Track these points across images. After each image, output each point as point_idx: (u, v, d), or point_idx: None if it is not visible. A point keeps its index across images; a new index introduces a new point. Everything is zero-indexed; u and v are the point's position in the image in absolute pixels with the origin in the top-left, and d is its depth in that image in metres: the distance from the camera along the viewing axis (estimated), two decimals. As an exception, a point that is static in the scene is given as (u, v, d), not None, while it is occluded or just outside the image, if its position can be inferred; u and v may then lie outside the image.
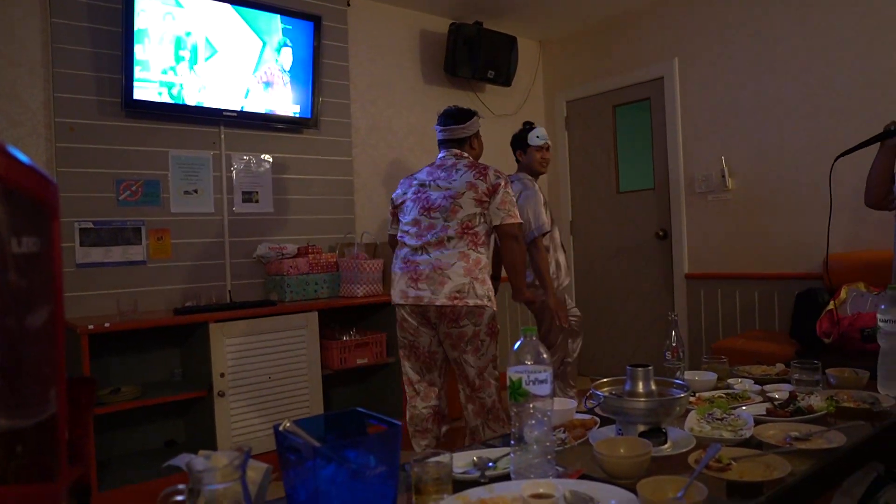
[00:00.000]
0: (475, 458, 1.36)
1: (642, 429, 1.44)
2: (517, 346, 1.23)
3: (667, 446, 1.44)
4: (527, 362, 1.20)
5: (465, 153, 2.85)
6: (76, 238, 3.17)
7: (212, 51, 3.45)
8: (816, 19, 3.77)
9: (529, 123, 3.61)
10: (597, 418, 1.62)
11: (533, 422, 1.21)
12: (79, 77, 3.20)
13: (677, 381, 1.59)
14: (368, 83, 4.36)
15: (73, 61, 3.18)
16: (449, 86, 4.79)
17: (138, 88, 3.22)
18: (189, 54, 3.37)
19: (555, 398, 1.39)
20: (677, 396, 1.48)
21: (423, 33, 4.65)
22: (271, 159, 3.85)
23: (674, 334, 1.99)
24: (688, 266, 4.49)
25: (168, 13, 3.28)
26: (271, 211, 3.84)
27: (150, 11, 3.22)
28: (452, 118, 2.88)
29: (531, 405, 1.20)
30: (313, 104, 3.86)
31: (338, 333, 3.65)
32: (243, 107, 3.60)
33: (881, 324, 1.86)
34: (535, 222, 3.26)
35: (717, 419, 1.60)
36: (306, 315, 3.42)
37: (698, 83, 4.38)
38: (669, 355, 1.98)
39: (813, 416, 1.63)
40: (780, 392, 1.86)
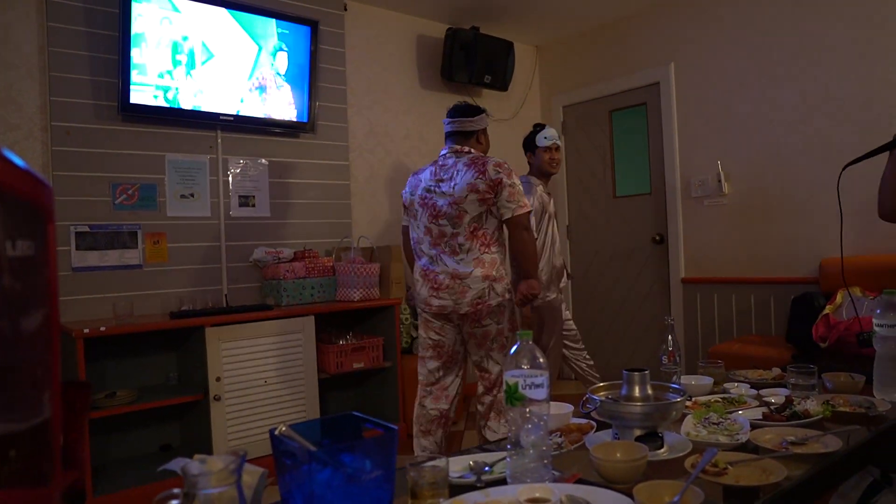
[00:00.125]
0: (471, 463, 1.36)
1: (639, 433, 1.44)
2: (514, 351, 1.23)
3: (663, 451, 1.44)
4: (523, 366, 1.20)
5: (466, 148, 2.86)
6: (72, 242, 3.17)
7: (208, 55, 3.45)
8: (811, 25, 3.79)
9: (540, 125, 3.65)
10: (593, 422, 1.62)
11: (529, 426, 1.20)
12: (75, 81, 3.20)
13: (674, 386, 1.59)
14: (365, 88, 4.37)
15: (69, 65, 3.18)
16: (446, 90, 4.79)
17: (135, 92, 3.22)
18: (186, 59, 3.37)
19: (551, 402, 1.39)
20: (673, 401, 1.48)
21: (419, 38, 4.66)
22: (268, 163, 3.85)
23: (670, 338, 1.99)
24: (684, 270, 4.50)
25: (165, 18, 3.28)
26: (268, 215, 3.84)
27: (148, 16, 3.22)
28: (462, 111, 2.92)
29: (528, 409, 1.20)
30: (310, 108, 3.87)
31: (334, 337, 3.65)
32: (240, 111, 3.60)
33: (877, 328, 1.86)
34: None
35: (714, 423, 1.60)
36: (303, 319, 3.41)
37: (694, 88, 4.39)
38: (666, 359, 1.98)
39: (809, 420, 1.63)
40: (776, 396, 1.86)
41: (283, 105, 3.77)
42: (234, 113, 3.58)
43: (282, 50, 3.72)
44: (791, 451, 1.41)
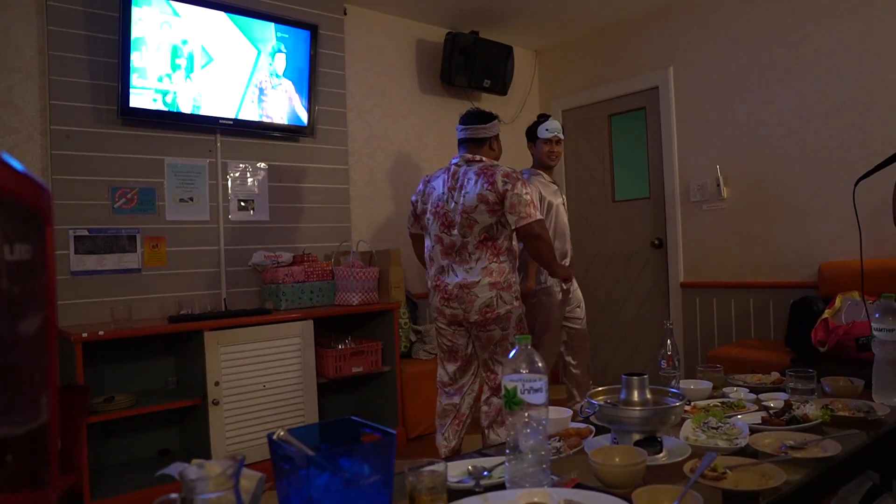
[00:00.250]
0: (470, 467, 1.36)
1: (637, 437, 1.44)
2: (512, 355, 1.22)
3: (662, 455, 1.44)
4: (522, 371, 1.20)
5: (478, 156, 2.92)
6: (71, 246, 3.16)
7: (208, 59, 3.45)
8: (810, 29, 3.79)
9: (544, 116, 3.66)
10: (592, 427, 1.62)
11: (528, 430, 1.20)
12: (75, 84, 3.20)
13: (672, 390, 1.59)
14: (365, 92, 4.37)
15: (69, 69, 3.19)
16: (445, 95, 4.80)
17: (134, 96, 3.22)
18: (185, 62, 3.37)
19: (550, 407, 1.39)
20: (672, 405, 1.47)
21: (419, 42, 4.67)
22: (267, 167, 3.85)
23: (669, 343, 1.99)
24: (683, 275, 4.50)
25: (165, 22, 3.29)
26: (267, 219, 3.84)
27: (148, 20, 3.23)
28: (475, 118, 2.99)
29: (526, 414, 1.20)
30: (309, 112, 3.87)
31: (333, 342, 3.64)
32: (239, 115, 3.61)
33: (876, 332, 1.86)
34: None
35: (713, 428, 1.60)
36: (301, 323, 3.41)
37: (693, 92, 4.40)
38: (665, 364, 1.98)
39: (808, 424, 1.63)
40: (775, 401, 1.86)
41: (282, 109, 3.77)
42: (234, 117, 3.58)
43: (281, 54, 3.72)
44: (790, 455, 1.41)
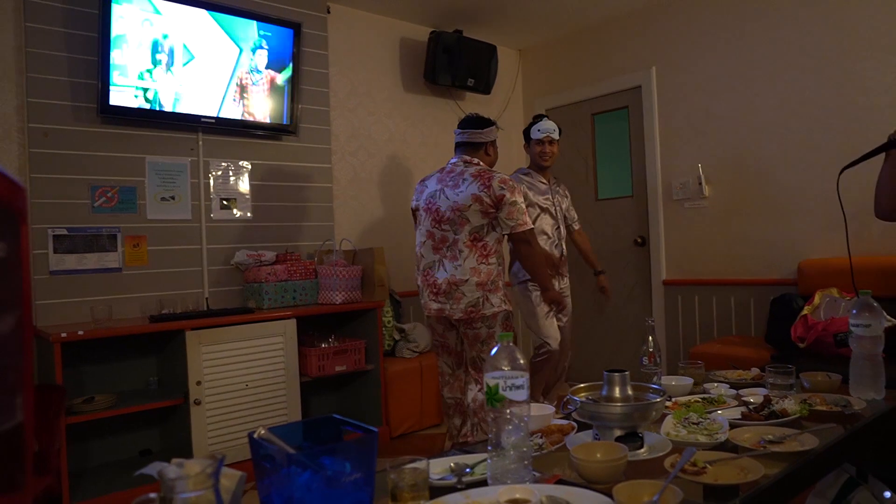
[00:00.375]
0: (452, 464, 1.36)
1: (619, 433, 1.45)
2: (494, 352, 1.23)
3: (643, 451, 1.45)
4: (503, 368, 1.20)
5: (475, 159, 3.00)
6: (50, 245, 3.12)
7: (189, 57, 3.42)
8: (789, 30, 3.84)
9: (539, 117, 3.71)
10: (574, 423, 1.63)
11: (510, 427, 1.21)
12: (53, 82, 3.16)
13: (653, 386, 1.61)
14: (348, 90, 4.36)
15: (47, 66, 3.14)
16: (429, 93, 4.80)
17: (115, 93, 3.19)
18: (166, 60, 3.34)
19: (532, 403, 1.40)
20: (653, 401, 1.49)
21: (403, 41, 4.66)
22: (250, 166, 3.83)
23: (650, 339, 2.01)
24: (665, 272, 4.53)
25: (146, 19, 3.26)
26: (249, 218, 3.82)
27: (129, 17, 3.19)
28: (472, 123, 3.08)
29: (508, 410, 1.20)
30: (292, 111, 3.85)
31: (316, 341, 3.63)
32: (221, 113, 3.58)
33: (853, 328, 1.89)
34: None
35: (694, 423, 1.61)
36: (284, 322, 3.40)
37: (675, 92, 4.43)
38: (646, 360, 2.00)
39: (787, 419, 1.65)
40: (755, 396, 1.88)
41: (264, 107, 3.75)
42: (215, 115, 3.56)
43: (263, 51, 3.70)
44: (769, 449, 1.43)
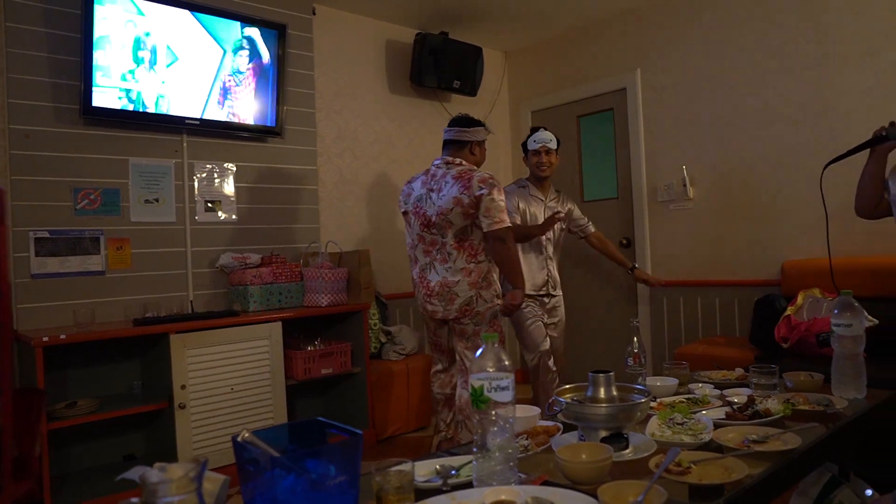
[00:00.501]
0: (438, 466, 1.36)
1: (604, 434, 1.45)
2: (479, 353, 1.23)
3: (628, 451, 1.46)
4: (489, 369, 1.20)
5: (457, 159, 3.04)
6: (31, 248, 3.09)
7: (173, 58, 3.40)
8: (771, 35, 3.87)
9: (535, 128, 3.69)
10: (560, 424, 1.63)
11: (495, 429, 1.21)
12: (35, 83, 3.13)
13: (638, 387, 1.62)
14: (334, 92, 4.35)
15: (29, 67, 3.11)
16: (415, 95, 4.80)
17: (97, 94, 3.16)
18: (149, 61, 3.32)
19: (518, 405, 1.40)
20: (638, 402, 1.49)
21: (388, 43, 4.66)
22: (235, 168, 3.81)
23: (635, 340, 2.02)
24: (651, 273, 4.54)
25: (130, 21, 3.23)
26: (235, 220, 3.79)
27: (112, 18, 3.17)
28: (459, 122, 3.14)
29: (493, 412, 1.20)
30: (277, 113, 3.83)
31: (302, 343, 3.61)
32: (206, 115, 3.56)
33: (834, 328, 1.91)
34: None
35: (678, 424, 1.62)
36: (270, 325, 3.38)
37: (660, 94, 4.46)
38: (631, 361, 2.01)
39: (770, 419, 1.67)
40: (739, 396, 1.89)
41: (249, 109, 3.73)
42: (200, 116, 3.53)
43: (248, 53, 3.68)
44: (752, 449, 1.44)
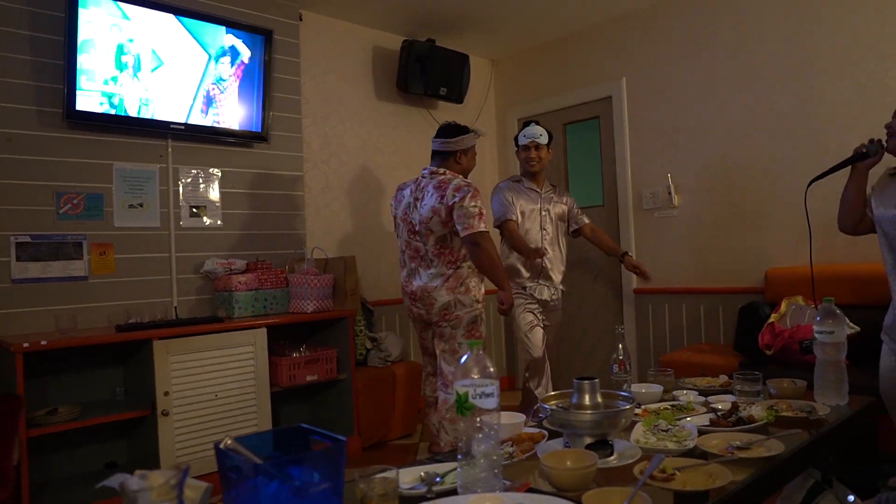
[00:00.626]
0: (423, 474, 1.35)
1: (589, 441, 1.45)
2: (464, 360, 1.23)
3: (613, 458, 1.46)
4: (473, 376, 1.20)
5: (441, 169, 3.10)
6: (12, 252, 3.05)
7: (158, 62, 3.38)
8: (755, 45, 3.92)
9: (526, 123, 3.70)
10: (545, 431, 1.63)
11: (480, 436, 1.20)
12: (18, 86, 3.10)
13: (623, 394, 1.62)
14: (320, 98, 4.34)
15: (11, 70, 3.08)
16: (401, 102, 4.80)
17: (81, 98, 3.13)
18: (134, 65, 3.29)
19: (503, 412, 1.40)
20: (622, 408, 1.50)
21: (375, 49, 4.66)
22: (220, 173, 3.79)
23: (621, 347, 2.02)
24: (636, 281, 4.57)
25: (115, 25, 3.21)
26: (220, 226, 3.77)
27: (96, 22, 3.14)
28: (444, 132, 3.16)
29: (478, 419, 1.20)
30: (263, 118, 3.82)
31: (287, 350, 3.59)
32: (191, 120, 3.54)
33: (817, 335, 1.93)
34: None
35: (663, 430, 1.63)
36: (254, 332, 3.35)
37: (645, 103, 4.49)
38: (617, 368, 2.01)
39: (754, 425, 1.68)
40: (723, 403, 1.90)
41: (235, 114, 3.72)
42: (185, 121, 3.51)
43: (234, 59, 3.67)
44: (736, 455, 1.45)
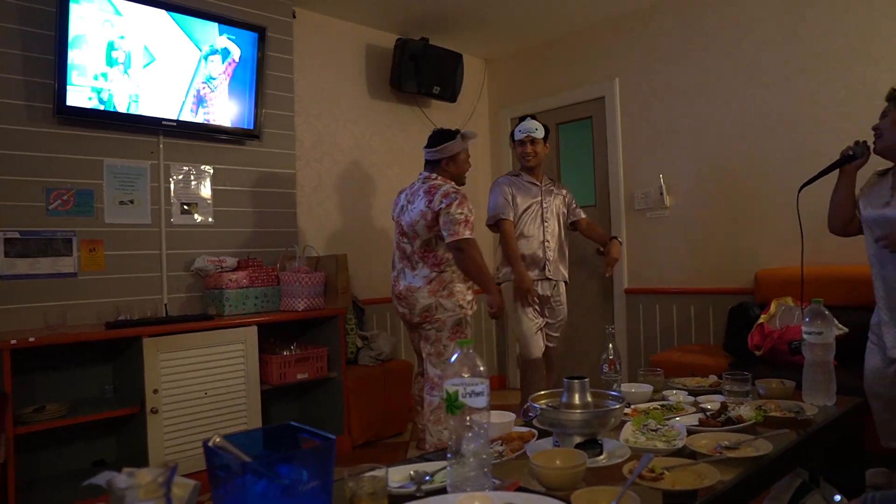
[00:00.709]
0: (412, 472, 1.35)
1: (578, 440, 1.46)
2: (454, 359, 1.23)
3: (602, 457, 1.46)
4: (464, 375, 1.20)
5: (433, 174, 3.16)
6: (1, 249, 3.03)
7: (150, 58, 3.36)
8: (747, 46, 3.93)
9: (522, 118, 3.68)
10: (535, 430, 1.63)
11: (470, 434, 1.20)
12: (7, 81, 3.07)
13: (613, 393, 1.62)
14: (313, 96, 4.33)
15: (1, 65, 3.05)
16: (394, 100, 4.79)
17: (72, 93, 3.11)
18: (125, 61, 3.28)
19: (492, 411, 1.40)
20: (612, 408, 1.50)
21: (369, 48, 4.65)
22: (212, 170, 3.77)
23: (611, 347, 2.03)
24: (627, 281, 4.59)
25: (107, 20, 3.19)
26: (211, 223, 3.75)
27: (89, 18, 3.12)
28: (430, 140, 3.19)
29: (468, 417, 1.20)
30: (256, 116, 3.81)
31: (278, 348, 3.58)
32: (183, 116, 3.52)
33: (805, 336, 1.94)
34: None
35: (652, 430, 1.63)
36: (245, 329, 3.34)
37: (637, 104, 4.51)
38: (607, 368, 2.02)
39: (742, 425, 1.69)
40: (712, 403, 1.91)
41: (228, 111, 3.70)
42: (176, 118, 3.50)
43: (227, 56, 3.66)
44: (725, 455, 1.45)
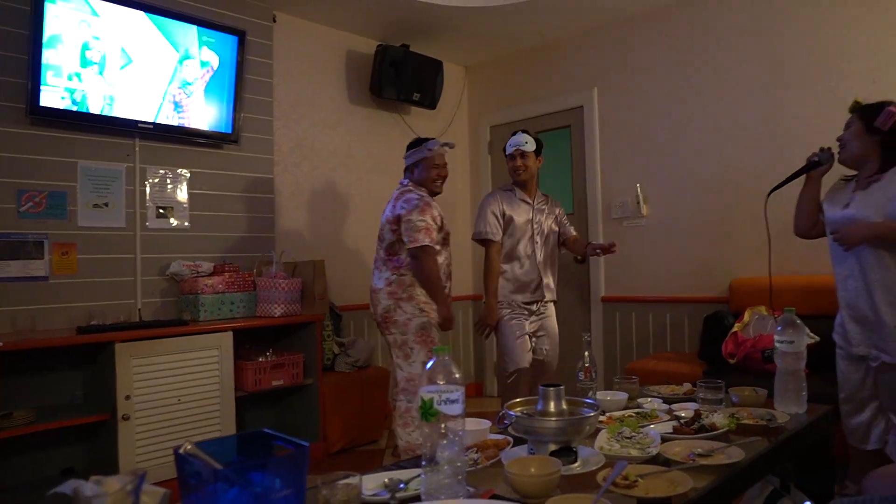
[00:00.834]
0: (386, 480, 1.34)
1: (553, 448, 1.46)
2: (429, 366, 1.22)
3: (577, 465, 1.47)
4: (439, 382, 1.20)
5: (405, 180, 3.25)
6: (-31, 251, 2.97)
7: (127, 60, 3.33)
8: (724, 59, 3.99)
9: (514, 132, 3.63)
10: (510, 438, 1.63)
11: (444, 442, 1.20)
12: (-21, 81, 3.03)
13: (588, 401, 1.63)
14: (293, 101, 4.31)
15: (-28, 64, 3.01)
16: (374, 107, 4.79)
17: (46, 94, 3.06)
18: (101, 62, 3.24)
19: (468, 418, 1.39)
20: (587, 415, 1.51)
21: (349, 53, 4.65)
22: (189, 174, 3.73)
23: (587, 355, 2.04)
24: (604, 289, 4.62)
25: (83, 21, 3.15)
26: (187, 227, 3.71)
27: (64, 18, 3.08)
28: (406, 148, 3.29)
29: (442, 425, 1.19)
30: (234, 120, 3.78)
31: (253, 354, 3.55)
32: (160, 119, 3.48)
33: (777, 344, 1.96)
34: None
35: (627, 438, 1.64)
36: (220, 335, 3.31)
37: (615, 113, 4.55)
38: (582, 375, 2.03)
39: (716, 433, 1.70)
40: (686, 410, 1.93)
41: (205, 115, 3.67)
42: (153, 121, 3.46)
43: (206, 59, 3.63)
44: (698, 462, 1.47)
